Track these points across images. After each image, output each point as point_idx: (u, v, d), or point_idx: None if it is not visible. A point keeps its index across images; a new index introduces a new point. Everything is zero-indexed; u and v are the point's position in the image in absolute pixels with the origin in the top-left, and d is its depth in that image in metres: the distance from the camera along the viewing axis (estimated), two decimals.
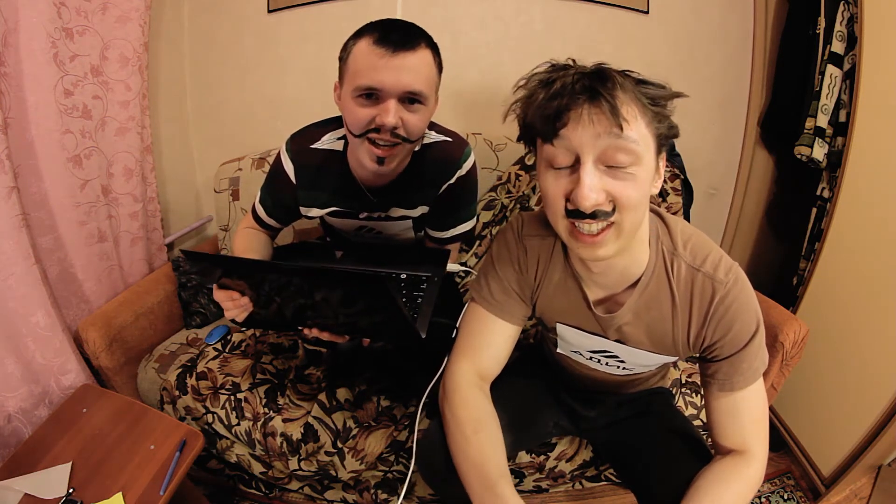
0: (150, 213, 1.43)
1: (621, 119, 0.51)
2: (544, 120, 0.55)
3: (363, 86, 0.75)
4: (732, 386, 0.65)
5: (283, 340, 1.24)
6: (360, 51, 0.75)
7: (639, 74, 0.57)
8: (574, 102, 0.53)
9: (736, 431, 0.66)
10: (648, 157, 0.55)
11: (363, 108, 0.77)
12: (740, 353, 0.64)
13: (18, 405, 1.00)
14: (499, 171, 1.44)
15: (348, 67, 0.78)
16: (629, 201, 0.55)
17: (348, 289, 0.64)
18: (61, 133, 1.09)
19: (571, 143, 0.54)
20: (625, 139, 0.52)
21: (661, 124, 0.56)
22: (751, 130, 1.59)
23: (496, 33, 1.51)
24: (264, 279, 0.69)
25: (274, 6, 1.51)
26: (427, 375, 0.84)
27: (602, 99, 0.52)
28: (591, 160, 0.54)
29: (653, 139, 0.56)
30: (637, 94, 0.54)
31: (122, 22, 1.20)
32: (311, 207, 1.00)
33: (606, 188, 0.54)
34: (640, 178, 0.55)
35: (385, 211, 0.97)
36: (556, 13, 1.49)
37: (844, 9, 1.19)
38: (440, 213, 0.98)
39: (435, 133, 0.94)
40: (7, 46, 0.97)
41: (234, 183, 1.52)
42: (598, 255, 0.58)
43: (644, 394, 0.92)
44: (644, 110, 0.54)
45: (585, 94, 0.53)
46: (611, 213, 0.55)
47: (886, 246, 1.04)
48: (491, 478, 0.64)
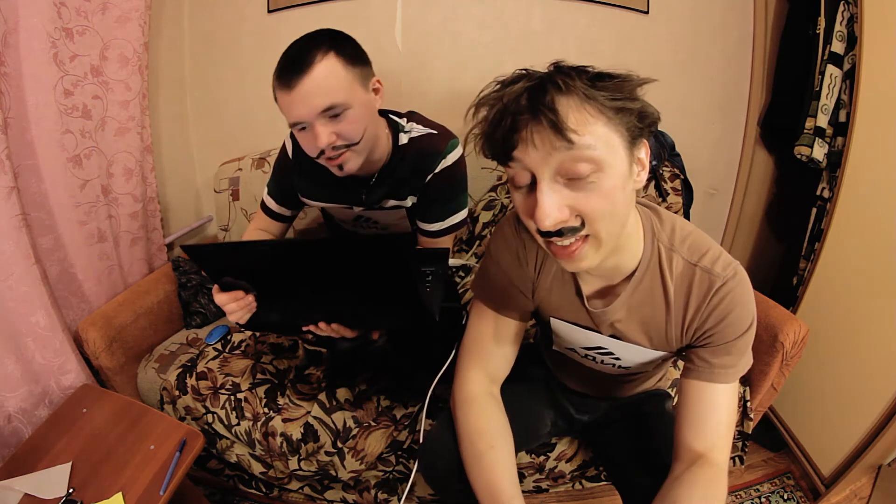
0: (150, 213, 1.43)
1: (568, 131, 0.48)
2: (494, 144, 0.54)
3: (290, 122, 0.82)
4: (714, 376, 0.64)
5: (283, 340, 1.24)
6: (275, 93, 0.81)
7: (594, 68, 0.53)
8: (518, 123, 0.51)
9: (710, 429, 0.63)
10: (614, 158, 0.51)
11: (304, 137, 0.84)
12: (729, 345, 0.63)
13: (18, 405, 1.00)
14: (499, 171, 1.44)
15: (279, 107, 0.84)
16: (595, 212, 0.52)
17: (363, 257, 0.64)
18: (61, 133, 1.09)
19: (525, 163, 0.52)
20: (579, 148, 0.49)
21: (628, 117, 0.51)
22: (751, 130, 1.59)
23: (496, 33, 1.51)
24: (273, 263, 0.68)
25: (274, 6, 1.51)
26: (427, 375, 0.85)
27: (541, 116, 0.49)
28: (547, 178, 0.51)
29: (619, 135, 0.51)
30: (590, 94, 0.50)
31: (122, 22, 1.20)
32: (310, 199, 1.04)
33: (569, 203, 0.52)
34: (605, 186, 0.51)
35: (377, 202, 1.00)
36: (556, 13, 1.49)
37: (844, 9, 1.19)
38: (428, 203, 0.99)
39: (421, 126, 0.97)
40: (7, 46, 0.97)
41: (234, 183, 1.52)
42: (581, 267, 0.58)
43: (641, 396, 0.92)
44: (601, 109, 0.50)
45: (528, 112, 0.50)
46: (580, 228, 0.53)
47: (886, 246, 1.04)
48: (503, 499, 0.65)
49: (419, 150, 0.94)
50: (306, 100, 0.77)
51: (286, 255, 0.68)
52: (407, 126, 0.96)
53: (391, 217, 1.04)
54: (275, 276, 0.70)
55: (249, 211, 1.52)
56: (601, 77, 0.51)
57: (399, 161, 0.95)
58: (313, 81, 0.76)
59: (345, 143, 0.82)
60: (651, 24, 1.49)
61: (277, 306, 0.76)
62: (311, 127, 0.80)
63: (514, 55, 1.51)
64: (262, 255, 0.69)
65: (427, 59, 1.53)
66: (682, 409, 0.66)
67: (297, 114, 0.79)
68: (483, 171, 1.42)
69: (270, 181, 1.07)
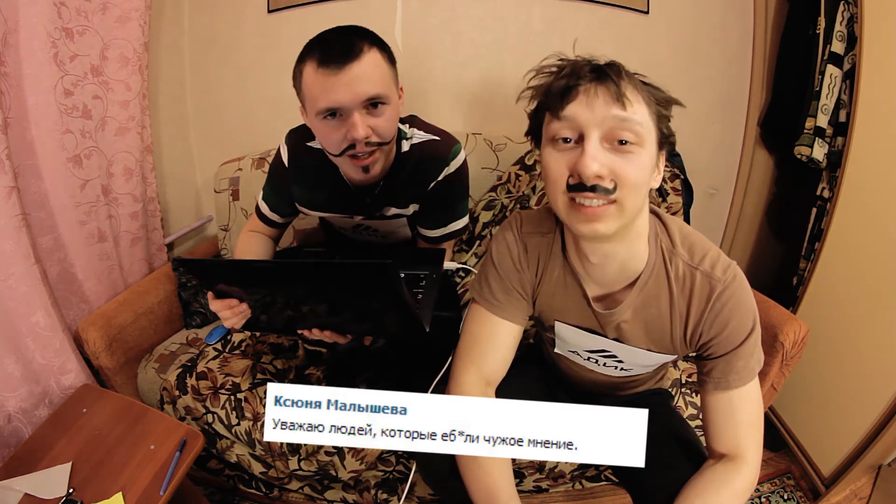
0: (150, 213, 1.43)
1: (625, 98, 0.54)
2: (553, 95, 0.58)
3: (323, 108, 0.76)
4: (728, 384, 0.65)
5: (283, 340, 1.24)
6: (308, 77, 0.76)
7: (643, 77, 0.59)
8: (582, 80, 0.56)
9: (730, 433, 0.66)
10: (651, 143, 0.57)
11: (333, 130, 0.78)
12: (736, 351, 0.64)
13: (18, 405, 1.00)
14: (499, 171, 1.44)
15: (304, 94, 0.79)
16: (630, 179, 0.56)
17: (351, 281, 0.64)
18: (61, 133, 1.09)
19: (577, 118, 0.56)
20: (629, 119, 0.54)
21: (661, 122, 0.59)
22: (751, 130, 1.59)
23: (496, 33, 1.51)
24: (263, 281, 0.69)
25: (274, 6, 1.51)
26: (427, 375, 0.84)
27: (609, 79, 0.55)
28: (596, 136, 0.55)
29: (655, 128, 0.58)
30: (642, 87, 0.57)
31: (122, 22, 1.20)
32: (307, 208, 1.02)
33: (609, 164, 0.55)
34: (642, 160, 0.56)
35: (379, 210, 0.98)
36: (556, 13, 1.49)
37: (844, 9, 1.19)
38: (430, 210, 0.98)
39: (423, 132, 0.95)
40: (7, 46, 0.97)
41: (234, 183, 1.52)
42: (598, 229, 0.58)
43: (642, 395, 0.92)
44: (648, 101, 0.57)
45: (593, 73, 0.56)
46: (612, 191, 0.56)
47: (886, 246, 1.04)
48: (502, 499, 0.66)
49: (421, 158, 0.93)
50: (352, 85, 0.74)
51: (278, 274, 0.67)
52: (409, 132, 0.95)
53: (391, 225, 1.03)
54: (266, 291, 0.70)
55: (249, 211, 1.52)
56: (648, 84, 0.59)
57: (401, 168, 0.93)
58: (363, 68, 0.74)
59: (378, 140, 0.79)
60: (651, 24, 1.49)
61: (272, 313, 0.76)
62: (347, 115, 0.76)
63: (514, 55, 1.50)
64: (254, 273, 0.69)
65: (427, 59, 1.53)
66: (706, 418, 0.69)
67: (337, 99, 0.74)
68: (483, 171, 1.42)
69: (266, 186, 1.04)
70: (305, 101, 0.81)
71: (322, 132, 0.81)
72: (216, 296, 0.72)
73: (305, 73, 0.77)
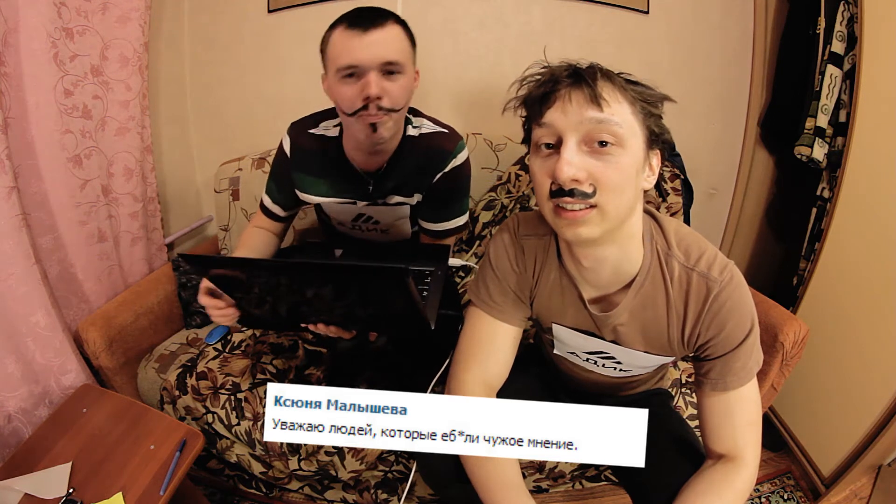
0: (150, 213, 1.43)
1: (602, 100, 0.54)
2: (532, 104, 0.59)
3: (344, 65, 0.81)
4: (726, 385, 0.65)
5: (283, 340, 1.24)
6: (335, 38, 0.82)
7: (629, 75, 0.59)
8: (559, 86, 0.57)
9: (728, 434, 0.65)
10: (634, 143, 0.57)
11: (348, 87, 0.83)
12: (734, 352, 0.64)
13: (18, 405, 1.00)
14: (499, 171, 1.44)
15: (328, 55, 0.85)
16: (609, 182, 0.55)
17: (363, 283, 0.65)
18: (61, 133, 1.09)
19: (555, 123, 0.56)
20: (606, 120, 0.54)
21: (649, 119, 0.58)
22: (751, 130, 1.59)
23: (496, 33, 1.51)
24: (268, 278, 0.69)
25: (274, 6, 1.51)
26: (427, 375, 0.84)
27: (583, 83, 0.55)
28: (574, 140, 0.56)
29: (640, 129, 0.57)
30: (624, 86, 0.57)
31: (122, 22, 1.20)
32: (309, 194, 1.03)
33: (587, 168, 0.55)
34: (622, 162, 0.56)
35: (382, 197, 0.99)
36: (556, 13, 1.49)
37: (844, 9, 1.19)
38: (434, 203, 1.00)
39: (431, 123, 0.98)
40: (7, 46, 0.96)
41: (234, 183, 1.52)
42: (580, 233, 0.58)
43: (642, 396, 0.92)
44: (631, 100, 0.57)
45: (570, 78, 0.57)
46: (591, 195, 0.56)
47: (886, 246, 1.04)
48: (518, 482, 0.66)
49: (429, 147, 0.95)
50: (373, 47, 0.79)
51: (283, 273, 0.68)
52: (416, 121, 0.98)
53: (393, 215, 1.03)
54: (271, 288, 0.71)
55: (249, 211, 1.52)
56: (633, 82, 0.59)
57: (408, 152, 0.95)
58: (387, 34, 0.81)
59: (389, 106, 0.83)
60: (651, 24, 1.49)
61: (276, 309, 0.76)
62: (363, 74, 0.81)
63: (514, 55, 1.51)
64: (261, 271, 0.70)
65: (427, 59, 1.53)
66: (703, 419, 0.69)
67: (358, 57, 0.80)
68: (483, 171, 1.42)
69: (269, 181, 1.07)
70: (328, 62, 0.85)
71: (338, 91, 0.84)
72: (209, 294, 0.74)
73: (333, 35, 0.83)
